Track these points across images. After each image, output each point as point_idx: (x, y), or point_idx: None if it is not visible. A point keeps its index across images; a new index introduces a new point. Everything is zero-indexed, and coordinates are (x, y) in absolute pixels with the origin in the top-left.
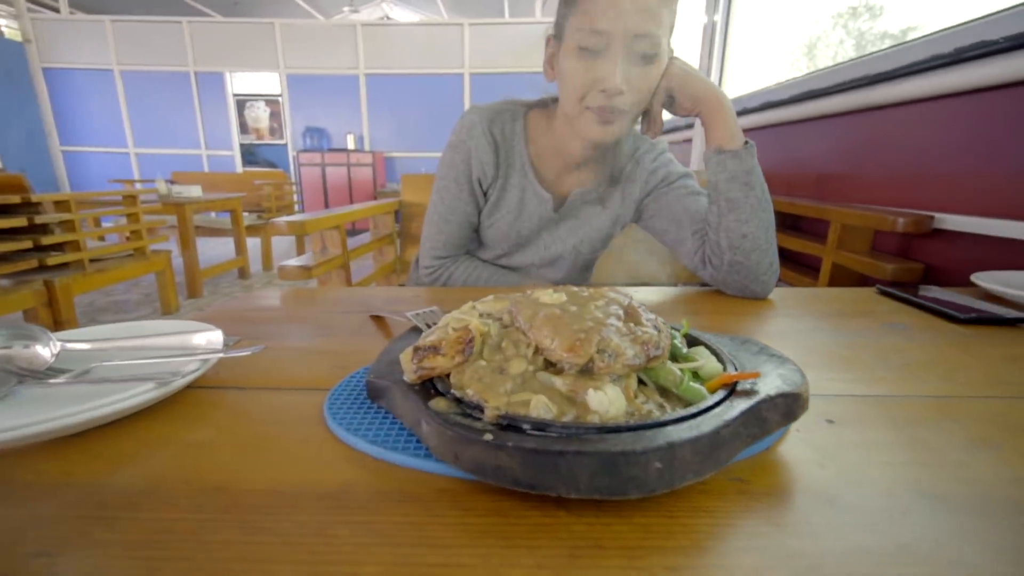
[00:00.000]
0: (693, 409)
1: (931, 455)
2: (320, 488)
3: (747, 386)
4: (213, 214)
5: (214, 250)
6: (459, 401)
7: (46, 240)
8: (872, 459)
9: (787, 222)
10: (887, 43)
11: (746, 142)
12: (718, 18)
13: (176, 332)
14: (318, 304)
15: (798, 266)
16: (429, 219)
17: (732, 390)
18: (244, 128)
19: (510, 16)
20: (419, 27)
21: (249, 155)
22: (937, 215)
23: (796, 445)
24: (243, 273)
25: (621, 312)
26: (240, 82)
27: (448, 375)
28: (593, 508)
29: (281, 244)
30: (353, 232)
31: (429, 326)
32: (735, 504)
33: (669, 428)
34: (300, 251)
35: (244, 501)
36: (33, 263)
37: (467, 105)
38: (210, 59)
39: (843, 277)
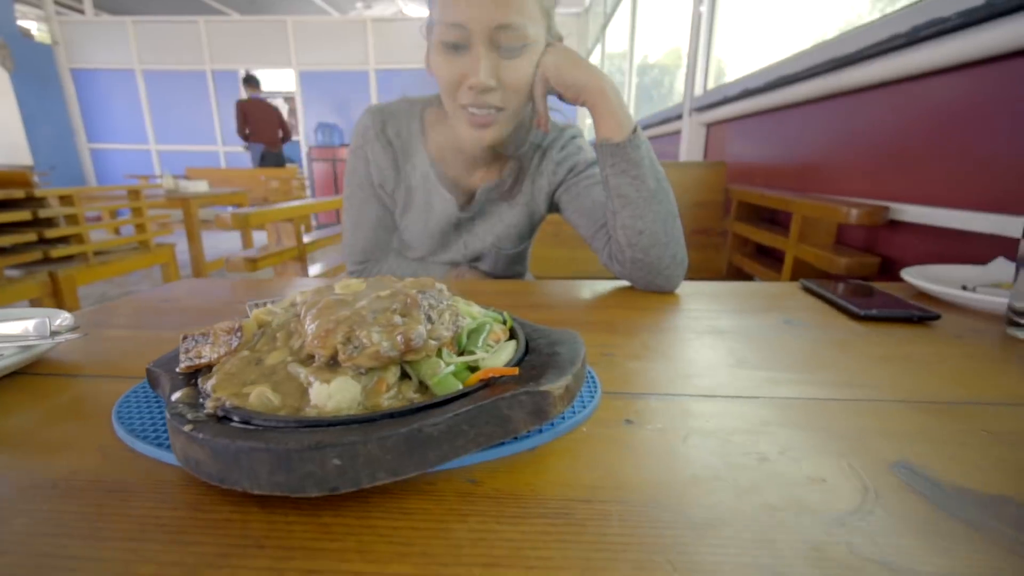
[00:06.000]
0: (417, 405)
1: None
2: (51, 475)
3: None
4: (230, 208)
5: (225, 243)
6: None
7: (50, 233)
8: (640, 463)
9: (762, 214)
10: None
11: (634, 130)
12: (703, 8)
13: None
14: (232, 294)
15: (772, 260)
16: (344, 226)
17: (487, 385)
18: None
19: None
20: None
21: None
22: (893, 205)
23: (580, 444)
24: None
25: (397, 305)
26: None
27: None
28: (290, 505)
29: None
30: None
31: None
32: (447, 505)
33: (373, 424)
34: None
35: None
36: (38, 255)
37: None
38: (225, 57)
39: (806, 271)
